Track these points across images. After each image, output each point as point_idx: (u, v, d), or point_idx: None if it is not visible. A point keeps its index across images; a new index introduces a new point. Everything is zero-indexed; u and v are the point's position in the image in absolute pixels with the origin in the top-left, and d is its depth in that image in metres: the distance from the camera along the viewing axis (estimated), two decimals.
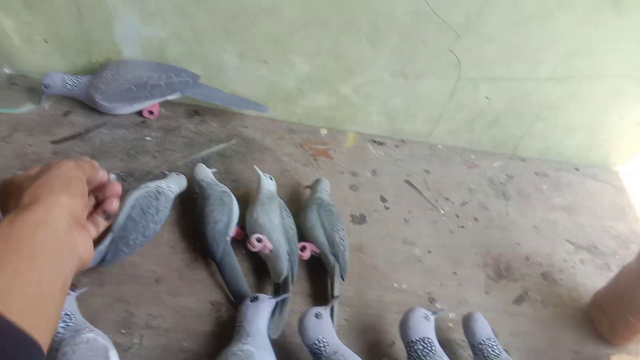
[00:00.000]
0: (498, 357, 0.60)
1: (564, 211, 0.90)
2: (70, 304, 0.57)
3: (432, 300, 0.73)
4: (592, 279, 0.79)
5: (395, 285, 0.74)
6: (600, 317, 0.71)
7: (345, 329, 0.67)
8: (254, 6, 0.81)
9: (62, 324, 0.53)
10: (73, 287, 0.62)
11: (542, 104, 0.91)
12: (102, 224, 0.53)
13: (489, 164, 0.97)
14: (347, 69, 0.88)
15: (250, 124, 0.94)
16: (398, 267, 0.77)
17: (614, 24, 0.79)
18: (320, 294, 0.70)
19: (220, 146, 0.88)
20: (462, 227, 0.85)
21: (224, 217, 0.71)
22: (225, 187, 0.76)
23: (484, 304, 0.74)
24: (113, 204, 0.54)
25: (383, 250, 0.79)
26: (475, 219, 0.86)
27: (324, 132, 0.97)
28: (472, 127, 0.96)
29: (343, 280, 0.71)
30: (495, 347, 0.61)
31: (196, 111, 0.93)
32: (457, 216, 0.86)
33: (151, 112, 0.89)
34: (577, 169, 0.99)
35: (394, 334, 0.66)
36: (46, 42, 0.87)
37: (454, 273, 0.77)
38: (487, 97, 0.90)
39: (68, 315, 0.55)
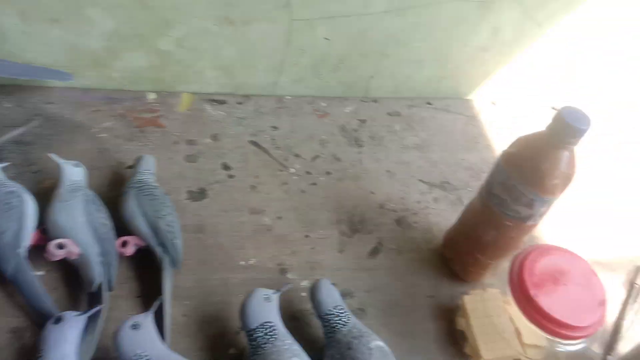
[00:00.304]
0: (345, 325, 0.56)
1: (417, 150, 0.87)
2: None
3: (283, 272, 0.67)
4: (446, 216, 0.77)
5: (242, 262, 0.67)
6: (452, 255, 0.70)
7: (184, 326, 0.59)
8: None
9: None
10: None
11: (384, 39, 0.85)
12: None
13: (341, 110, 0.91)
14: (162, 19, 0.75)
15: (57, 99, 0.78)
16: (245, 241, 0.69)
17: None
18: (153, 292, 0.61)
19: (18, 131, 0.73)
20: (314, 184, 0.79)
21: (13, 225, 0.57)
22: (14, 185, 0.61)
23: (337, 264, 0.69)
24: None
25: (228, 226, 0.71)
26: (328, 173, 0.80)
27: (151, 96, 0.84)
28: (319, 72, 0.88)
29: (178, 270, 0.62)
30: (342, 314, 0.57)
31: None
32: (309, 173, 0.80)
33: None
34: (429, 103, 0.97)
35: None
36: None
37: (306, 236, 0.72)
38: (326, 39, 0.82)
39: None
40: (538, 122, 0.54)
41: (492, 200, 0.59)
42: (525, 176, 0.54)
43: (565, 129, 0.50)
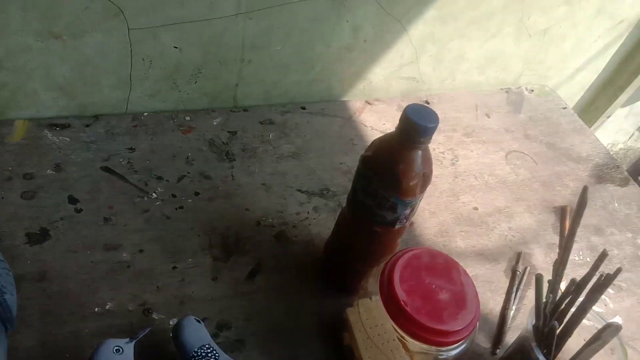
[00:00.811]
0: None
1: (293, 158, 0.83)
2: None
3: (147, 312, 0.59)
4: (328, 225, 0.73)
5: (97, 309, 0.58)
6: (332, 266, 0.66)
7: None
8: None
9: None
10: None
11: (241, 44, 0.80)
12: None
13: (208, 123, 0.84)
14: None
15: None
16: (99, 283, 0.60)
17: None
18: None
19: None
20: (181, 207, 0.71)
21: None
22: None
23: (211, 294, 0.63)
24: None
25: (77, 268, 0.61)
26: (196, 193, 0.73)
27: None
28: (175, 84, 0.81)
29: (14, 331, 0.52)
30: (209, 354, 0.50)
31: None
32: (174, 196, 0.72)
33: None
34: (303, 108, 0.93)
35: None
36: None
37: (174, 268, 0.64)
38: (175, 47, 0.75)
39: None
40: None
41: (358, 207, 0.56)
42: (383, 180, 0.51)
43: (413, 129, 0.47)
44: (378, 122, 0.93)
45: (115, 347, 0.48)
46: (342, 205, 0.77)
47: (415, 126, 0.48)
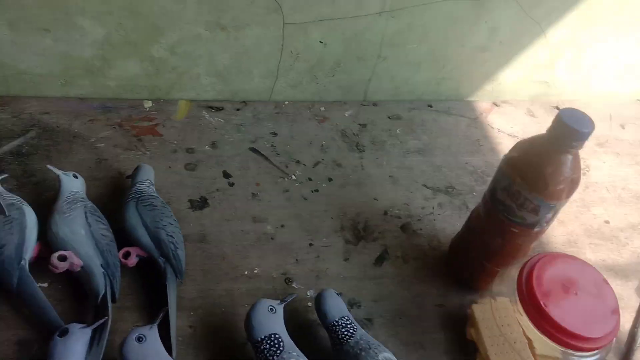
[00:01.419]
0: (352, 336, 0.54)
1: (419, 154, 0.86)
2: None
3: (288, 281, 0.66)
4: (452, 222, 0.76)
5: (246, 272, 0.66)
6: (459, 263, 0.69)
7: (191, 338, 0.58)
8: None
9: None
10: None
11: (380, 41, 0.84)
12: None
13: (340, 114, 0.90)
14: (152, 26, 0.74)
15: (53, 109, 0.77)
16: (248, 250, 0.68)
17: None
18: (158, 304, 0.59)
19: (14, 142, 0.71)
20: (316, 190, 0.77)
21: (14, 238, 0.56)
22: (15, 197, 0.60)
23: (343, 273, 0.68)
24: None
25: (230, 235, 0.69)
26: (330, 179, 0.79)
27: (148, 104, 0.82)
28: (315, 77, 0.87)
29: (181, 281, 0.61)
30: (349, 325, 0.55)
31: None
32: (310, 179, 0.79)
33: None
34: (430, 106, 0.96)
35: None
36: None
37: (310, 245, 0.70)
38: (321, 42, 0.81)
39: None
40: (542, 124, 0.53)
41: (497, 206, 0.58)
42: (528, 182, 0.52)
43: (567, 133, 0.48)
44: (506, 124, 0.93)
45: (270, 307, 0.55)
46: (468, 205, 0.79)
47: (570, 130, 0.49)
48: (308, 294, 0.65)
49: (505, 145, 0.89)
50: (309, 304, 0.63)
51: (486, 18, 0.85)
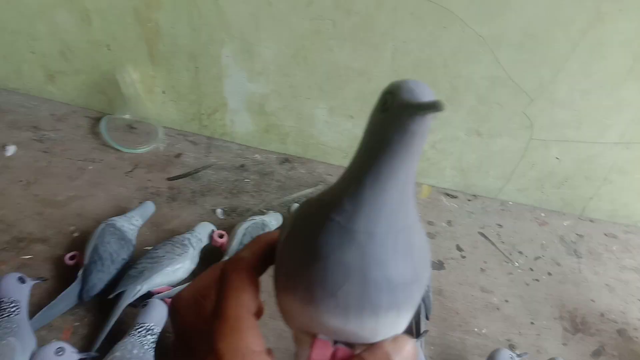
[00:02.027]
0: None
1: (635, 272, 0.92)
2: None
3: (512, 347, 0.76)
4: None
5: (476, 329, 0.78)
6: None
7: None
8: (347, 69, 0.91)
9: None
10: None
11: (610, 167, 0.96)
12: None
13: (559, 222, 1.01)
14: None
15: (334, 172, 1.03)
16: (477, 313, 0.80)
17: None
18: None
19: (309, 190, 0.97)
20: (537, 280, 0.88)
21: None
22: None
23: (562, 355, 0.76)
24: None
25: (462, 296, 0.83)
26: (549, 274, 0.90)
27: None
28: (542, 186, 1.01)
29: (427, 319, 0.75)
30: None
31: (286, 159, 1.03)
32: (531, 269, 0.90)
33: None
34: None
35: None
36: (164, 93, 1.00)
37: (532, 323, 0.80)
38: (557, 158, 0.96)
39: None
40: None
41: None
42: None
43: None
44: None
45: (510, 356, 0.66)
46: None
47: None
48: None
49: None
50: None
51: None
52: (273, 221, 0.81)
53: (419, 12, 0.81)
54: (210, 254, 0.79)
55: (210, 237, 0.79)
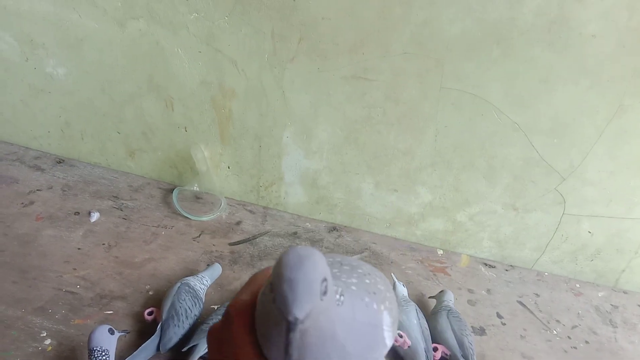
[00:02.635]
0: None
1: None
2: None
3: None
4: None
5: None
6: None
7: None
8: (393, 149, 1.03)
9: None
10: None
11: (639, 241, 1.03)
12: None
13: (594, 293, 1.07)
14: (464, 200, 1.06)
15: (378, 241, 1.12)
16: None
17: None
18: None
19: (355, 257, 1.05)
20: (575, 347, 0.93)
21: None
22: None
23: None
24: None
25: None
26: (587, 342, 0.94)
27: (440, 252, 1.12)
28: (576, 258, 1.08)
29: None
30: None
31: (334, 227, 1.13)
32: (569, 337, 0.95)
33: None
34: None
35: None
36: (229, 168, 1.13)
37: None
38: (589, 232, 1.04)
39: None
40: None
41: None
42: None
43: None
44: None
45: None
46: None
47: None
48: None
49: None
50: None
51: None
52: None
53: (459, 102, 0.94)
54: None
55: None
